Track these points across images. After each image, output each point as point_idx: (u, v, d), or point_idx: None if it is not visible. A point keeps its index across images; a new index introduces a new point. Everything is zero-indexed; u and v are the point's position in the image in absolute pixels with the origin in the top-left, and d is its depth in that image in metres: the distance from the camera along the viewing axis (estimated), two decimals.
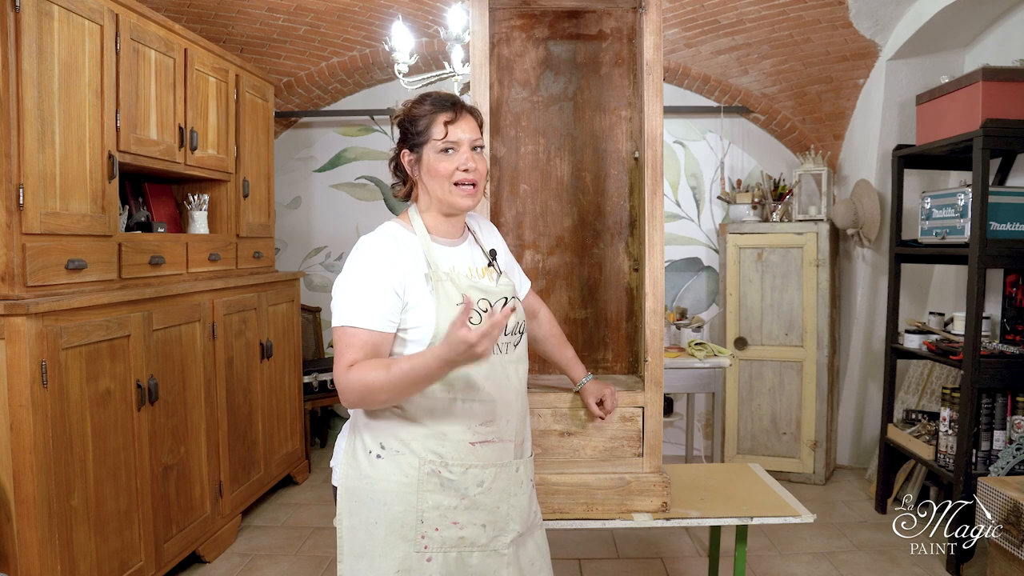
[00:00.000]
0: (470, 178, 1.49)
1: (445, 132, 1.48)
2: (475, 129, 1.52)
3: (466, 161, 1.49)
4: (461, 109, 1.51)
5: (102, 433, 2.37)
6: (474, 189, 1.51)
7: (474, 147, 1.51)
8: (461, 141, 1.49)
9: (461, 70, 3.23)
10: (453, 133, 1.48)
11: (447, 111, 1.49)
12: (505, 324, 1.34)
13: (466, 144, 1.50)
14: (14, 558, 2.09)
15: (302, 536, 3.36)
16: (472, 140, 1.50)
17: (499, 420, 1.51)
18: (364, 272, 1.44)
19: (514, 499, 1.54)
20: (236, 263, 3.50)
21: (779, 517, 2.02)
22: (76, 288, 2.36)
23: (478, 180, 1.51)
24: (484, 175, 1.54)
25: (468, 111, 1.53)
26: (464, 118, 1.50)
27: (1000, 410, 2.94)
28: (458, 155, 1.49)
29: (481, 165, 1.52)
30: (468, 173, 1.49)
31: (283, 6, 3.61)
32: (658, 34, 1.93)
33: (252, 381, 3.50)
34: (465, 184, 1.50)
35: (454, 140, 1.48)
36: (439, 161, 1.49)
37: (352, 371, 1.38)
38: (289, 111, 4.64)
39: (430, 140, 1.49)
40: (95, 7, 2.41)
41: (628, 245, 2.30)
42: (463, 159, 1.49)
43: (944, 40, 3.58)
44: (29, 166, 2.13)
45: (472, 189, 1.50)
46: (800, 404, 4.08)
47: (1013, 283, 3.18)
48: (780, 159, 4.60)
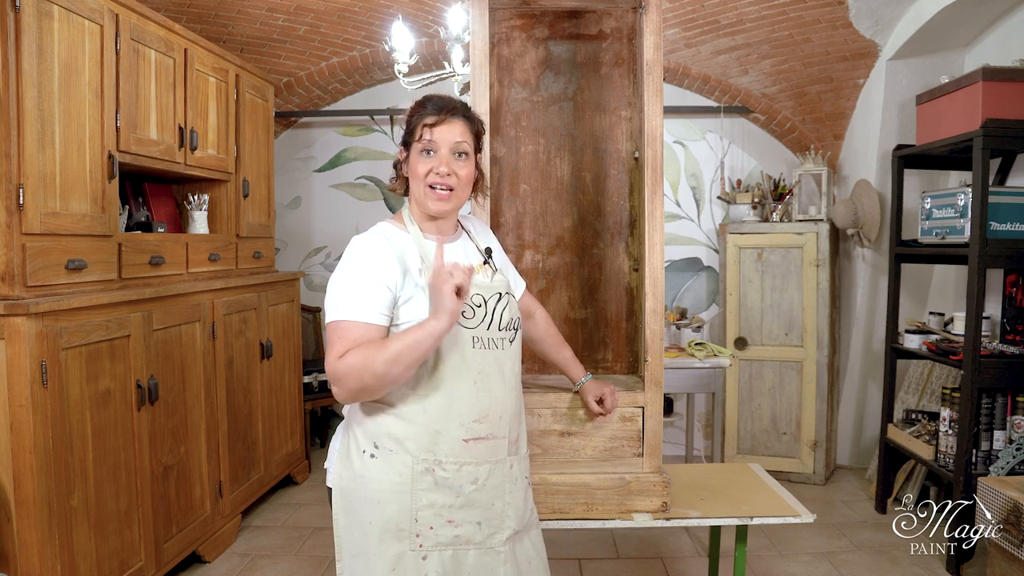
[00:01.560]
0: (443, 182, 1.49)
1: (422, 134, 1.49)
2: (462, 133, 1.50)
3: (440, 164, 1.48)
4: (449, 113, 1.49)
5: (102, 433, 2.37)
6: (448, 194, 1.50)
7: (459, 152, 1.50)
8: (440, 144, 1.48)
9: (461, 70, 3.23)
10: (433, 135, 1.48)
11: (432, 114, 1.49)
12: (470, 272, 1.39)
13: (446, 148, 1.49)
14: (14, 558, 2.09)
15: (302, 536, 3.36)
16: (454, 144, 1.49)
17: (492, 417, 1.51)
18: (355, 269, 1.45)
19: (509, 496, 1.54)
20: (236, 263, 3.50)
21: (779, 517, 2.02)
22: (76, 288, 2.36)
23: (454, 186, 1.50)
24: (466, 181, 1.52)
25: (463, 116, 1.51)
26: (450, 122, 1.49)
27: (1000, 410, 2.94)
28: (435, 157, 1.49)
29: (462, 170, 1.51)
30: (440, 177, 1.48)
31: (283, 6, 3.61)
32: (658, 34, 1.93)
33: (252, 381, 3.50)
34: (439, 188, 1.49)
35: (433, 142, 1.48)
36: (417, 162, 1.50)
37: (342, 359, 1.38)
38: (289, 111, 4.64)
39: (414, 141, 1.51)
40: (95, 7, 2.41)
41: (628, 245, 2.29)
42: (438, 162, 1.48)
43: (944, 40, 3.58)
44: (29, 166, 2.13)
45: (446, 194, 1.50)
46: (800, 404, 4.08)
47: (1013, 283, 3.18)
48: (780, 159, 4.60)
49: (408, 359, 1.36)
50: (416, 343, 1.36)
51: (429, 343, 1.36)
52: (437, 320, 1.36)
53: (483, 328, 1.50)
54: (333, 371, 1.39)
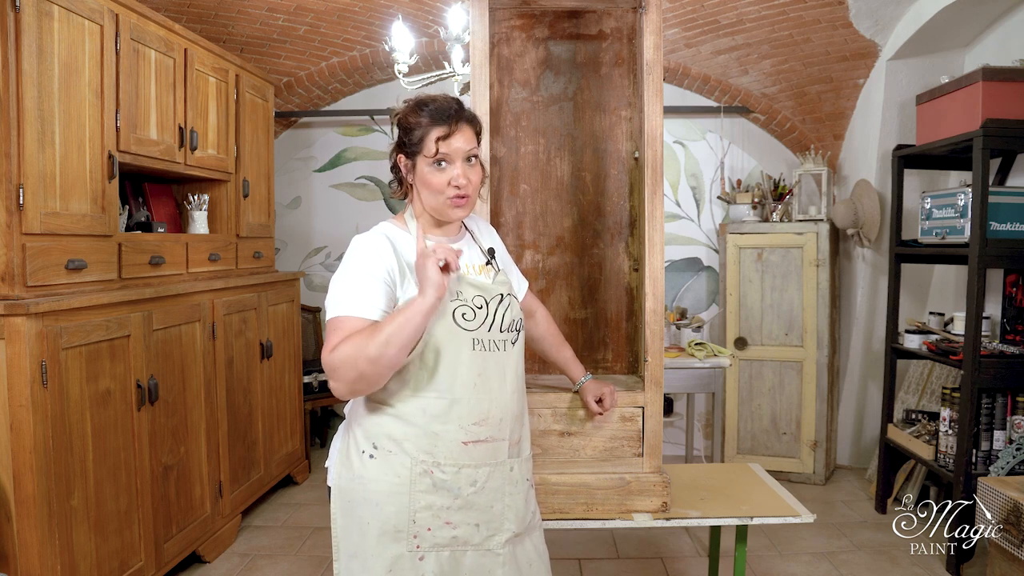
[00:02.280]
0: (461, 192, 1.49)
1: (437, 149, 1.47)
2: (470, 139, 1.50)
3: (458, 177, 1.48)
4: (457, 121, 1.48)
5: (102, 433, 2.37)
6: (465, 200, 1.51)
7: (468, 158, 1.50)
8: (454, 155, 1.48)
9: (461, 70, 3.23)
10: (446, 147, 1.47)
11: (442, 125, 1.46)
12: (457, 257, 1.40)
13: (459, 158, 1.49)
14: (14, 558, 2.09)
15: (302, 536, 3.36)
16: (466, 152, 1.49)
17: (493, 419, 1.50)
18: (356, 267, 1.45)
19: (508, 499, 1.54)
20: (236, 263, 3.50)
21: (779, 517, 2.02)
22: (76, 288, 2.36)
23: (470, 192, 1.51)
24: (477, 186, 1.53)
25: (467, 121, 1.51)
26: (459, 131, 1.48)
27: (1000, 410, 2.94)
28: (451, 168, 1.48)
29: (474, 176, 1.51)
30: (459, 188, 1.49)
31: (283, 6, 3.61)
32: (658, 34, 1.93)
33: (252, 381, 3.50)
34: (456, 197, 1.50)
35: (447, 155, 1.47)
36: (431, 174, 1.49)
37: (335, 350, 1.37)
38: (289, 111, 4.64)
39: (421, 153, 1.49)
40: (95, 7, 2.41)
41: (628, 245, 2.29)
42: (455, 173, 1.48)
43: (944, 40, 3.58)
44: (29, 166, 2.13)
45: (463, 201, 1.50)
46: (800, 404, 4.08)
47: (1013, 283, 3.18)
48: (780, 159, 4.60)
49: (400, 339, 1.34)
50: (406, 321, 1.34)
51: (419, 319, 1.35)
52: (423, 296, 1.35)
53: (483, 330, 1.49)
54: (328, 363, 1.38)
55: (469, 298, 1.49)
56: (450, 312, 1.46)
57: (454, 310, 1.47)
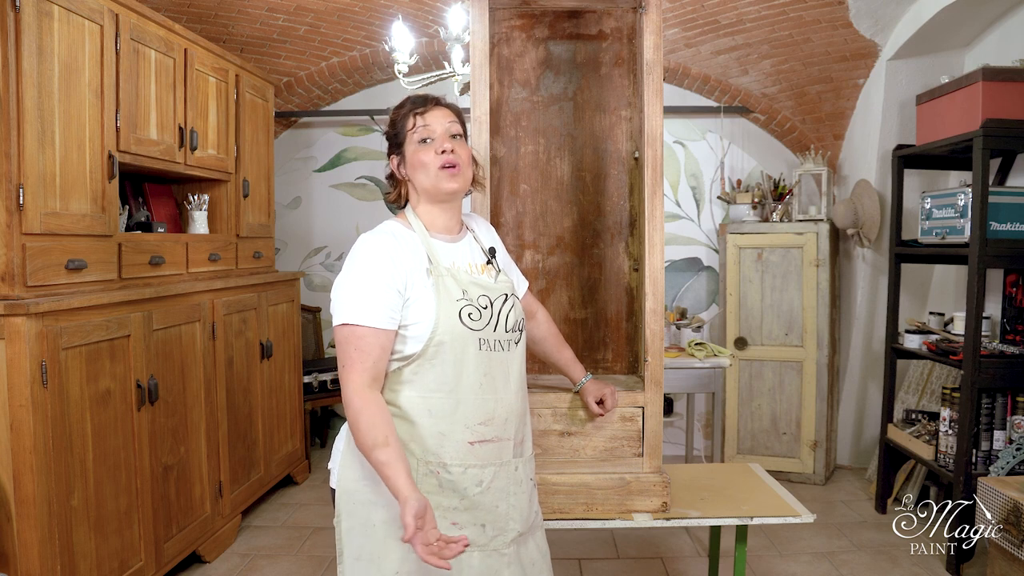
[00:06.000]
0: (451, 159, 1.51)
1: (415, 122, 1.52)
2: (450, 117, 1.55)
3: (442, 142, 1.51)
4: (435, 104, 1.54)
5: (102, 433, 2.37)
6: (457, 170, 1.52)
7: (452, 135, 1.54)
8: (436, 128, 1.52)
9: (461, 70, 3.23)
10: (427, 120, 1.52)
11: (418, 105, 1.54)
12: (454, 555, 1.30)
13: (441, 131, 1.52)
14: (14, 558, 2.09)
15: (302, 536, 3.36)
16: (447, 128, 1.53)
17: (499, 419, 1.50)
18: (365, 269, 1.44)
19: (513, 498, 1.54)
20: (236, 263, 3.50)
21: (779, 517, 2.02)
22: (76, 288, 2.36)
23: (459, 162, 1.52)
24: (467, 160, 1.55)
25: (445, 105, 1.56)
26: (437, 109, 1.54)
27: (1000, 410, 2.94)
28: (436, 142, 1.52)
29: (461, 150, 1.54)
30: (447, 155, 1.51)
31: (283, 6, 3.61)
32: (658, 34, 1.93)
33: (252, 381, 3.50)
34: (448, 167, 1.51)
35: (428, 127, 1.52)
36: (418, 152, 1.52)
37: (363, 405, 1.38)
38: (289, 111, 4.64)
39: (407, 134, 1.53)
40: (95, 7, 2.41)
41: (628, 245, 2.29)
42: (440, 144, 1.51)
43: (944, 40, 3.58)
44: (29, 166, 2.13)
45: (455, 170, 1.52)
46: (800, 404, 4.08)
47: (1013, 283, 3.18)
48: (780, 159, 4.60)
49: (374, 464, 1.37)
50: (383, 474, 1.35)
51: (388, 484, 1.35)
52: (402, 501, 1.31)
53: (489, 330, 1.49)
54: (348, 400, 1.40)
55: (474, 297, 1.49)
56: (457, 312, 1.46)
57: (460, 310, 1.46)
